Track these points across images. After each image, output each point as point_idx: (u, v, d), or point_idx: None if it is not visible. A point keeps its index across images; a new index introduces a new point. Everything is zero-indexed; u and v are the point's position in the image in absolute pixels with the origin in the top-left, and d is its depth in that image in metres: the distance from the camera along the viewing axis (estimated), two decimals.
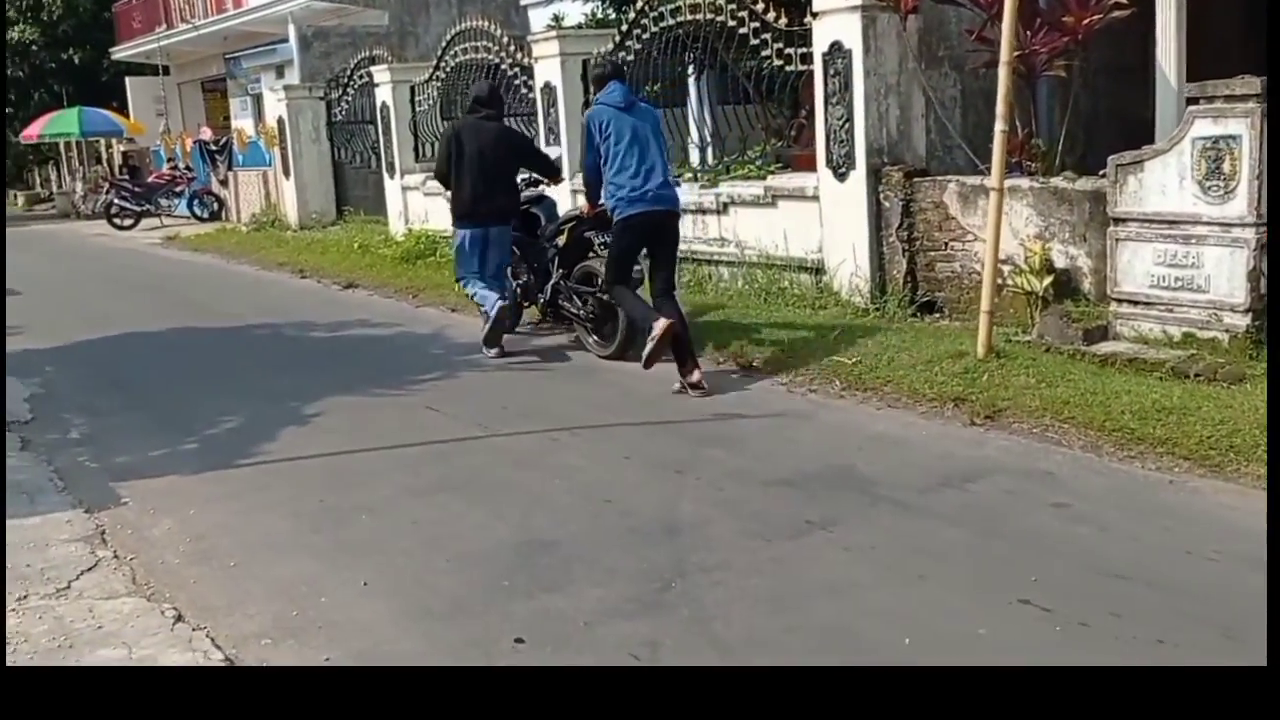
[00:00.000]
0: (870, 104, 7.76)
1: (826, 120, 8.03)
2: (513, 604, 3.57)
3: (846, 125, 7.91)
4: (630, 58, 10.06)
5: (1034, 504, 4.22)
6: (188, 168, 21.38)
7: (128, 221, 19.86)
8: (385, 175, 14.34)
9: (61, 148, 28.39)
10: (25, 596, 3.77)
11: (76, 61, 26.77)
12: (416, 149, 13.77)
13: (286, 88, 17.25)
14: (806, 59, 8.24)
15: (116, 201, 20.29)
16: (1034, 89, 7.79)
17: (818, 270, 8.26)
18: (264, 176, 18.52)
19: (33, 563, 4.09)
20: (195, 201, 20.49)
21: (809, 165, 9.91)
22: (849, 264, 7.91)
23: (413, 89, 13.68)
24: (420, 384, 6.68)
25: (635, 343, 6.56)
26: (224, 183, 20.36)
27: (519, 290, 7.81)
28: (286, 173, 17.06)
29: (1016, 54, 6.35)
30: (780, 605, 3.46)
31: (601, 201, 6.53)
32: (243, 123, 21.20)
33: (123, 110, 25.13)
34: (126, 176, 22.02)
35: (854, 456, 4.85)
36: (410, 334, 8.46)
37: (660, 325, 6.07)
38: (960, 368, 5.79)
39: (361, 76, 15.43)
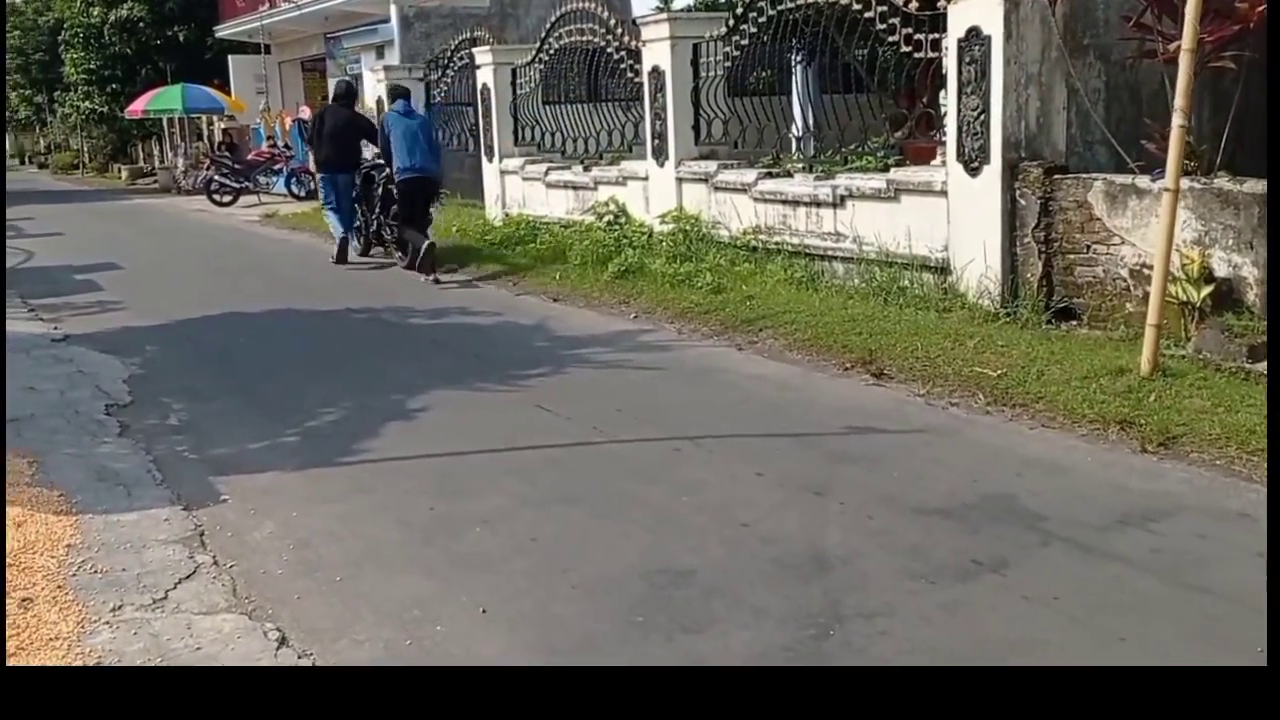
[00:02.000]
0: (1009, 94, 7.20)
1: (959, 111, 7.49)
2: (649, 645, 3.17)
3: (981, 117, 7.36)
4: (745, 42, 9.63)
5: (1235, 551, 3.69)
6: (286, 146, 21.46)
7: (226, 198, 19.98)
8: (483, 158, 14.08)
9: (165, 123, 28.86)
10: (120, 607, 3.49)
11: (182, 39, 27.15)
12: (516, 132, 13.48)
13: (386, 68, 17.11)
14: (936, 45, 7.71)
15: (216, 178, 20.42)
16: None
17: (942, 270, 7.73)
18: None
19: (129, 566, 3.82)
20: (293, 180, 20.54)
21: (926, 157, 9.38)
22: (978, 264, 7.37)
23: (514, 71, 13.37)
24: (527, 379, 6.33)
25: (417, 256, 10.23)
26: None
27: (361, 225, 11.83)
28: None
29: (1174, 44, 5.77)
30: (960, 664, 3.01)
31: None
32: None
33: (224, 88, 25.39)
34: (226, 153, 22.19)
35: (1013, 484, 4.36)
36: (512, 324, 8.14)
37: (424, 245, 10.17)
38: (1123, 386, 5.25)
39: (462, 58, 15.20)
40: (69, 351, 7.47)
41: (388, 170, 10.93)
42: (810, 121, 9.51)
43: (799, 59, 9.89)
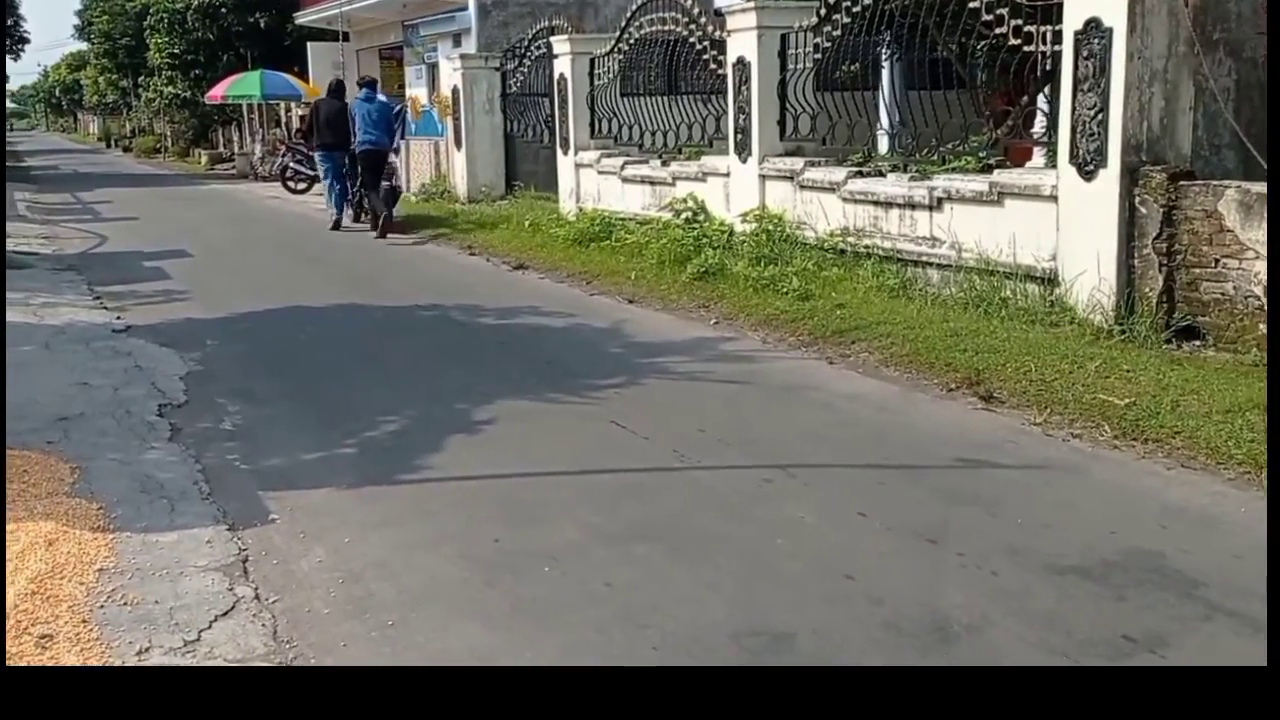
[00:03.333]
0: (1131, 92, 6.59)
1: (1074, 109, 6.88)
2: None
3: (1099, 116, 6.74)
4: (837, 32, 9.08)
5: None
6: None
7: (301, 185, 19.85)
8: (558, 150, 13.68)
9: (244, 109, 29.00)
10: (147, 650, 3.11)
11: (263, 25, 27.26)
12: (593, 124, 13.05)
13: (463, 56, 16.81)
14: (1049, 38, 7.11)
15: (291, 165, 20.32)
16: None
17: (1049, 281, 7.13)
18: (435, 146, 18.20)
19: (163, 598, 3.45)
20: None
21: (1024, 159, 8.76)
22: (1090, 276, 6.76)
23: (592, 61, 12.95)
24: (601, 390, 5.89)
25: (377, 221, 13.02)
26: (395, 151, 20.17)
27: (353, 198, 14.11)
28: (458, 143, 16.65)
29: None
30: None
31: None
32: (417, 91, 20.99)
33: (302, 75, 25.39)
34: (301, 141, 22.10)
35: (1158, 538, 3.80)
36: (585, 326, 7.70)
37: (383, 214, 13.05)
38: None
39: (539, 47, 14.82)
40: (128, 344, 7.21)
41: (351, 145, 13.61)
42: (898, 118, 8.96)
43: (888, 52, 9.32)
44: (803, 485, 4.37)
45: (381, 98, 14.41)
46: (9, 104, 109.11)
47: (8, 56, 50.26)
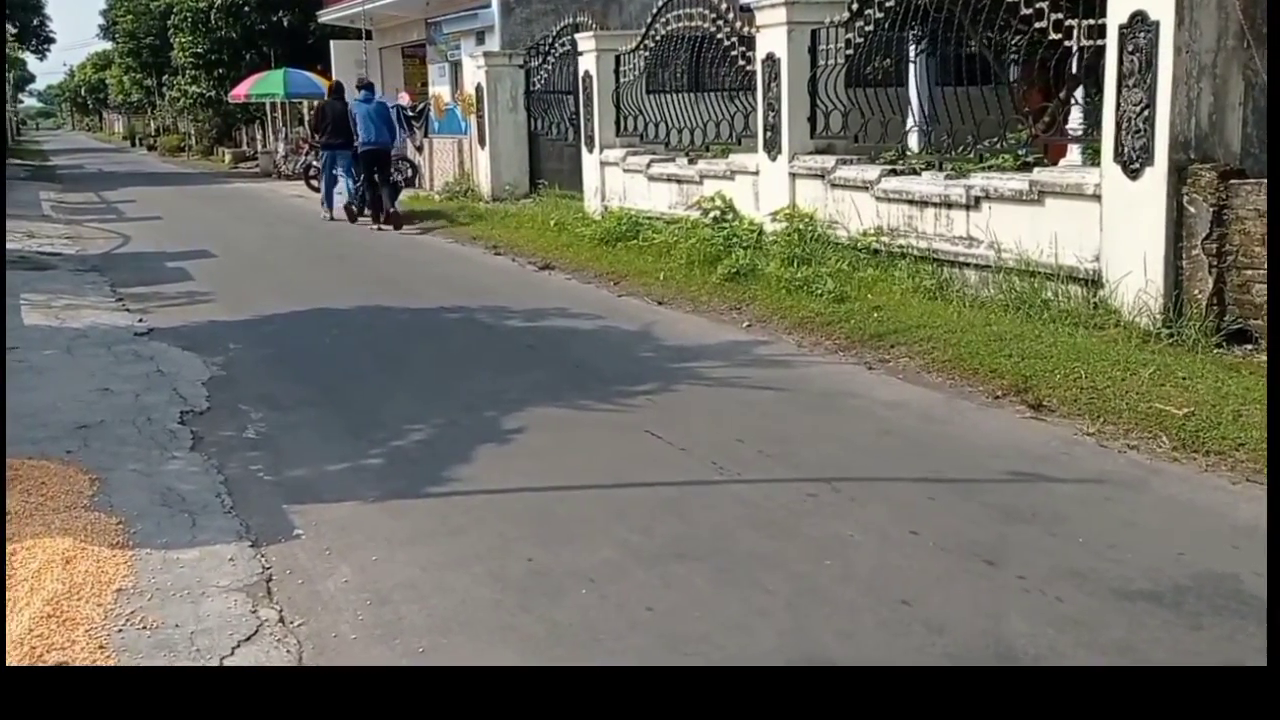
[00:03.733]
0: (1178, 88, 6.35)
1: (1118, 106, 6.65)
2: None
3: (1145, 112, 6.51)
4: (869, 27, 8.87)
5: None
6: None
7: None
8: (583, 148, 13.51)
9: (268, 108, 28.99)
10: None
11: (285, 24, 27.20)
12: (618, 122, 12.87)
13: (486, 54, 16.67)
14: (1091, 32, 6.89)
15: (315, 164, 20.18)
16: None
17: (1092, 282, 6.91)
18: (459, 145, 18.08)
19: (183, 621, 3.29)
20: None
21: (1059, 156, 8.53)
22: (1136, 277, 6.53)
23: (618, 58, 12.76)
24: (633, 397, 5.70)
25: (381, 213, 14.04)
26: (419, 149, 20.07)
27: (357, 190, 14.79)
28: (482, 142, 16.51)
29: None
30: None
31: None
32: (440, 89, 20.87)
33: (326, 73, 25.29)
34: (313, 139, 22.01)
35: (1231, 560, 3.58)
36: (615, 329, 7.52)
37: (385, 209, 13.96)
38: None
39: (563, 44, 14.66)
40: (150, 347, 7.09)
41: (355, 144, 14.32)
42: (929, 115, 8.75)
43: (919, 48, 9.11)
44: (849, 500, 4.17)
45: (379, 98, 15.27)
46: (36, 103, 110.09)
47: (34, 56, 50.66)
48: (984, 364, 5.84)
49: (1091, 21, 6.93)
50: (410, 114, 20.41)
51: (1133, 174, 6.58)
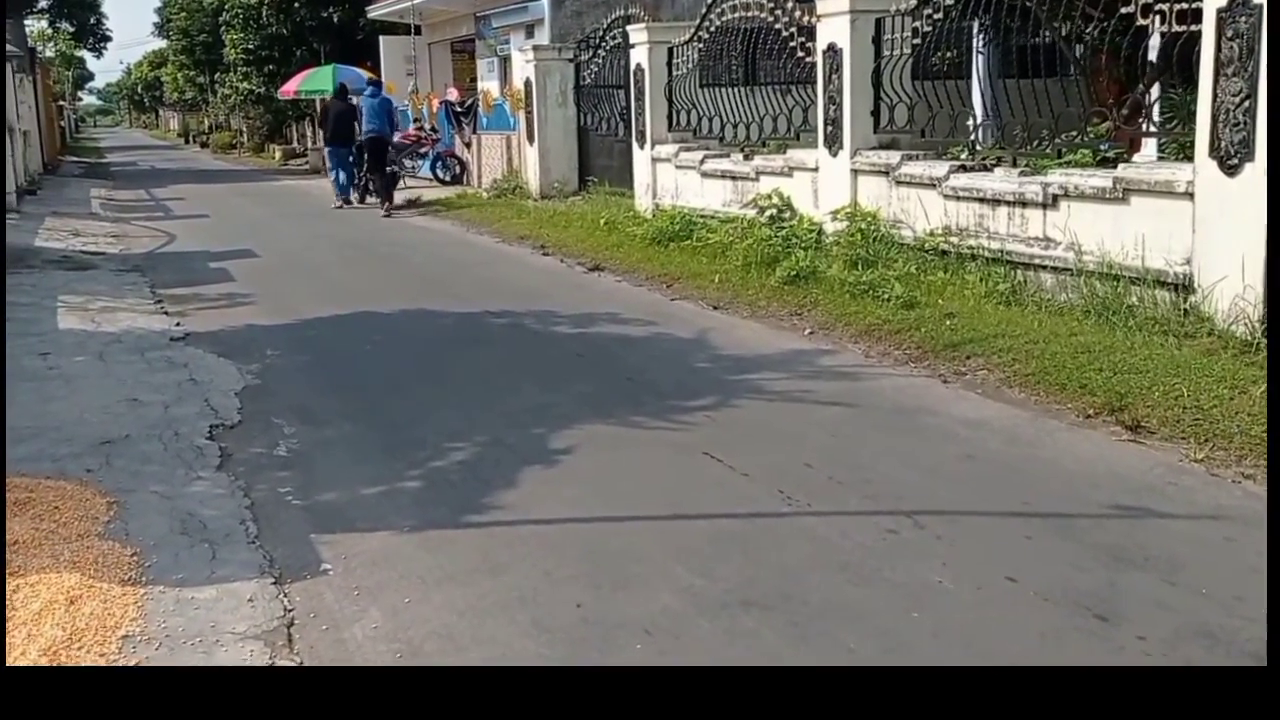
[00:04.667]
0: None
1: (1215, 96, 6.13)
2: None
3: (1245, 104, 5.98)
4: (938, 15, 8.38)
5: None
6: (433, 129, 20.98)
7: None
8: (634, 144, 13.10)
9: (318, 104, 28.92)
10: None
11: (335, 20, 27.11)
12: (670, 117, 12.45)
13: (535, 48, 16.33)
14: (1185, 17, 6.38)
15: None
16: None
17: (1182, 287, 6.39)
18: (507, 141, 17.77)
19: None
20: (438, 164, 20.02)
21: (1134, 151, 8.01)
22: (1233, 282, 6.01)
23: (670, 51, 12.35)
24: (690, 413, 5.30)
25: (383, 201, 15.79)
26: (468, 145, 19.81)
27: (360, 179, 16.65)
28: (530, 138, 16.18)
29: None
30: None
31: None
32: (489, 84, 20.60)
33: (375, 69, 25.18)
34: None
35: None
36: (669, 336, 7.12)
37: (385, 195, 15.83)
38: None
39: (614, 37, 14.27)
40: (185, 354, 6.81)
41: (359, 135, 16.10)
42: (992, 108, 8.26)
43: (985, 37, 8.61)
44: (934, 538, 3.74)
45: (383, 95, 17.04)
46: (95, 101, 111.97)
47: (91, 54, 51.36)
48: (1072, 378, 5.36)
49: (1184, 5, 6.43)
50: (459, 110, 20.16)
51: (1230, 170, 6.07)
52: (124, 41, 71.02)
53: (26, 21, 32.91)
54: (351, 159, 16.60)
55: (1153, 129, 7.30)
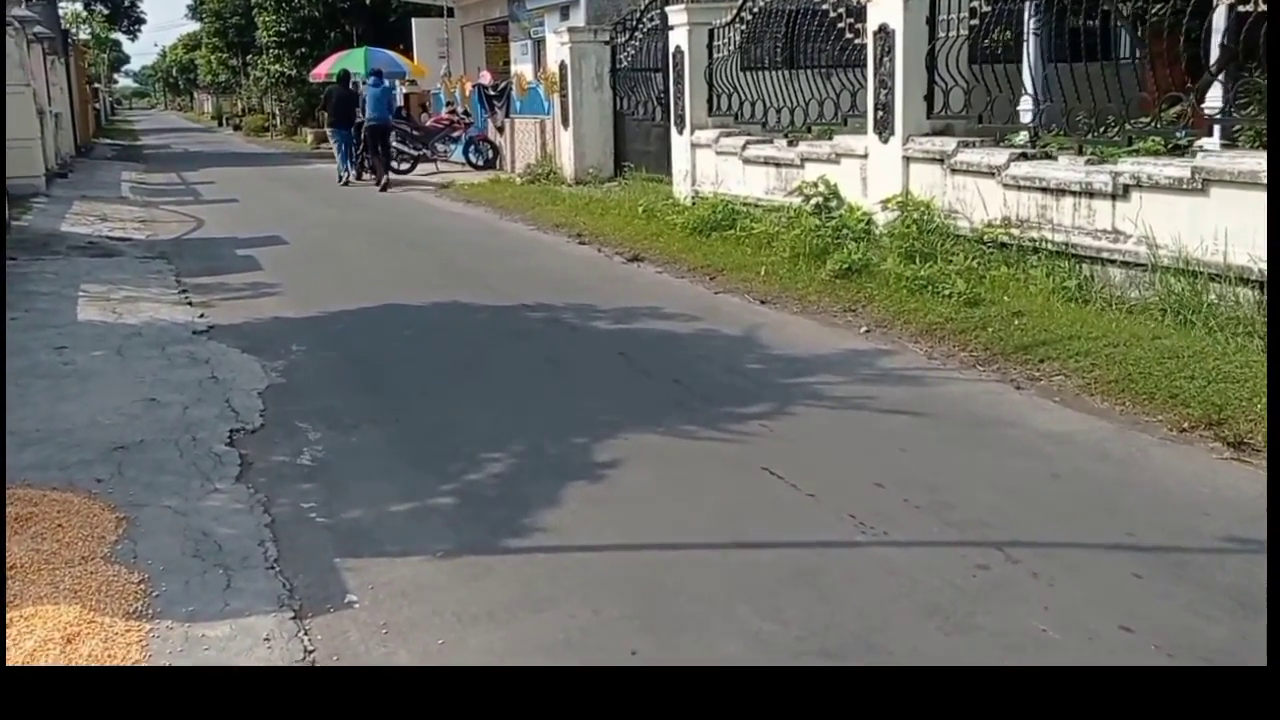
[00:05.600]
0: None
1: None
2: None
3: None
4: None
5: None
6: (465, 113, 20.62)
7: (404, 165, 19.23)
8: (672, 129, 12.67)
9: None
10: None
11: (367, 2, 26.84)
12: (710, 101, 12.01)
13: (570, 30, 15.92)
14: None
15: (394, 145, 19.73)
16: None
17: (1266, 285, 5.91)
18: (541, 125, 17.38)
19: None
20: (471, 148, 19.67)
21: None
22: None
23: (711, 33, 11.89)
24: (744, 422, 4.90)
25: (378, 180, 17.05)
26: (500, 130, 19.45)
27: (361, 159, 17.91)
28: (565, 122, 15.78)
29: None
30: None
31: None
32: (522, 67, 20.20)
33: (407, 52, 24.86)
34: (405, 119, 21.53)
35: None
36: (715, 333, 6.72)
37: (383, 178, 17.01)
38: None
39: (652, 18, 13.83)
40: (208, 349, 6.48)
41: (361, 120, 17.33)
42: (1042, 93, 7.81)
43: (1039, 19, 8.14)
44: (1031, 575, 3.32)
45: (385, 84, 18.21)
46: (130, 83, 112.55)
47: (126, 36, 51.40)
48: (1160, 387, 4.92)
49: None
50: (492, 94, 19.78)
51: None
52: (159, 24, 71.36)
53: (61, 4, 32.83)
54: (353, 140, 17.90)
55: (1228, 117, 6.82)
